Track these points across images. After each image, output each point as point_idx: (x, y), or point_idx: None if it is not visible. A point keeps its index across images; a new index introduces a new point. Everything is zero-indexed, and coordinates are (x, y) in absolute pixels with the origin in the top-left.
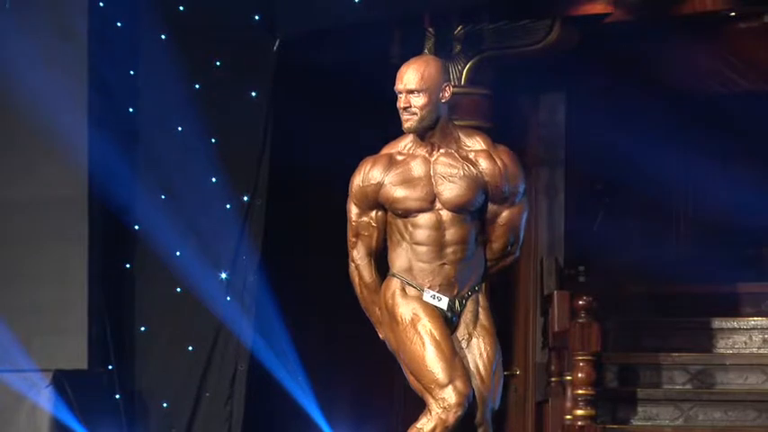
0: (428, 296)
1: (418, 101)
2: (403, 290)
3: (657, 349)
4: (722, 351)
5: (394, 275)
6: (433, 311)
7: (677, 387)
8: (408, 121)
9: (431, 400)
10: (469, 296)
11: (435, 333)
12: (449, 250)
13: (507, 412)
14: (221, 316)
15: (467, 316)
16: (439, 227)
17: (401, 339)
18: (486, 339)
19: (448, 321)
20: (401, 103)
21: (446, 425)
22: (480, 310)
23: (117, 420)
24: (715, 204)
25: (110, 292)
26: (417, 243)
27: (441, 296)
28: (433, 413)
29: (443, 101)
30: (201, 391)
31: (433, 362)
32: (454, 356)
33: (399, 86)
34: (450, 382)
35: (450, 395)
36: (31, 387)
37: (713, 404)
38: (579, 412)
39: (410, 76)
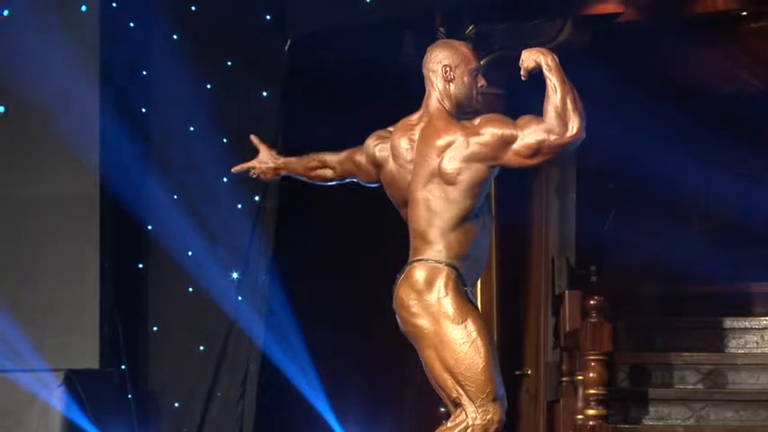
0: (470, 295)
1: None
2: (457, 284)
3: (669, 349)
4: (734, 351)
5: (449, 265)
6: (481, 315)
7: (689, 387)
8: (481, 102)
9: (470, 408)
10: None
11: (490, 341)
12: None
13: (519, 412)
14: (233, 316)
15: None
16: None
17: (450, 338)
18: None
19: None
20: (485, 82)
21: None
22: None
23: (128, 420)
24: (727, 203)
25: (122, 291)
26: (489, 231)
27: (473, 296)
28: (471, 420)
29: None
30: (213, 390)
31: (490, 373)
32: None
33: (478, 66)
34: (500, 398)
35: (496, 410)
36: (42, 387)
37: (725, 404)
38: (591, 412)
39: None
